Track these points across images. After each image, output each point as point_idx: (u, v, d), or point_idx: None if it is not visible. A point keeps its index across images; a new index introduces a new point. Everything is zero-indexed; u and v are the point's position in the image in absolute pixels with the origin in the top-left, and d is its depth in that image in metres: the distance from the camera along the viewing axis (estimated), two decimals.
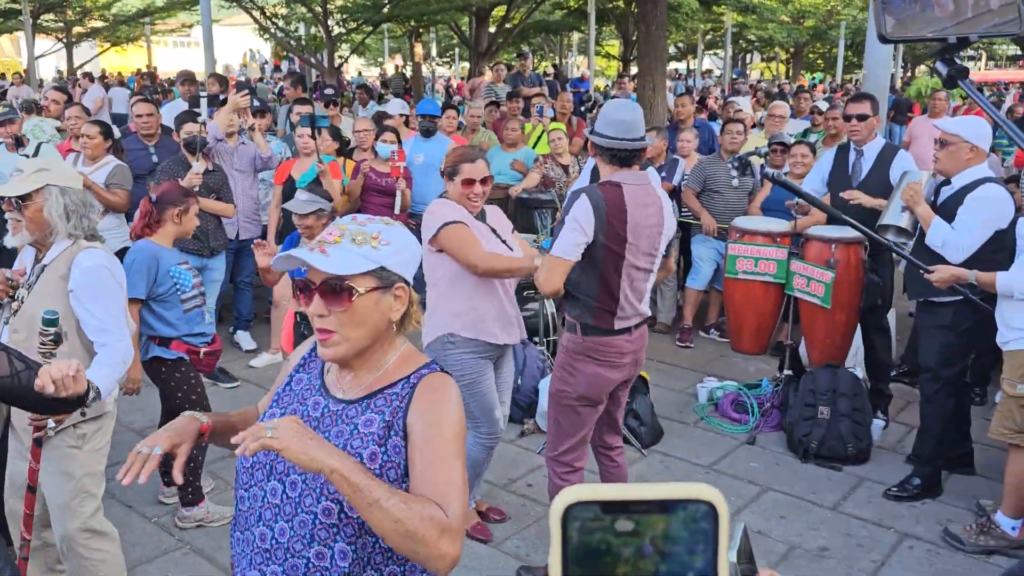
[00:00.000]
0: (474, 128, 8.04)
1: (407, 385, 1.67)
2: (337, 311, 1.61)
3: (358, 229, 1.65)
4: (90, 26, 26.23)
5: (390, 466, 1.60)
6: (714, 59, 36.44)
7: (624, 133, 3.14)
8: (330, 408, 1.68)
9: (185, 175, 5.28)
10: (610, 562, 0.53)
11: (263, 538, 1.63)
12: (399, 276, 1.67)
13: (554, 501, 0.53)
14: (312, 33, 18.00)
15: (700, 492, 0.53)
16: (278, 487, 1.63)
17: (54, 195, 2.84)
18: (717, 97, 14.54)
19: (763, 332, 5.86)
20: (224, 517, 3.99)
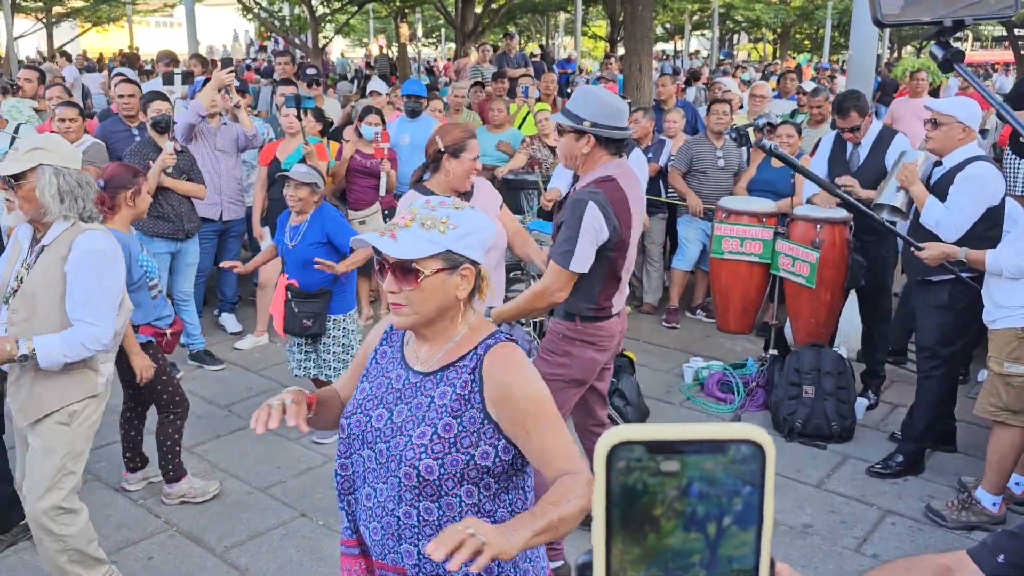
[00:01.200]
0: (458, 109, 7.99)
1: (475, 357, 1.79)
2: (407, 289, 1.75)
3: (428, 214, 1.76)
4: (70, 6, 25.84)
5: (464, 435, 1.74)
6: (701, 40, 36.36)
7: (620, 121, 3.14)
8: (410, 380, 1.84)
9: (154, 156, 5.21)
10: (649, 502, 0.52)
11: (368, 498, 1.82)
12: (465, 257, 1.78)
13: (599, 441, 0.53)
14: (296, 13, 17.81)
15: (749, 433, 0.53)
16: (371, 454, 1.81)
17: (47, 175, 2.80)
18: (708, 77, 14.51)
19: (749, 312, 5.87)
20: (207, 492, 4.00)
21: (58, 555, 2.99)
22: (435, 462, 1.72)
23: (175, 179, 5.28)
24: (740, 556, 0.54)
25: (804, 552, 3.68)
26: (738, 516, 0.53)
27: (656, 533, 0.53)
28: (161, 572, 3.51)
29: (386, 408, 1.83)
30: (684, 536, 0.53)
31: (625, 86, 9.54)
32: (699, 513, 0.53)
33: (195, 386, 5.36)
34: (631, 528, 0.53)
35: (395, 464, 1.76)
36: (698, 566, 0.53)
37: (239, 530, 3.80)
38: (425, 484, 1.73)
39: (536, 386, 1.78)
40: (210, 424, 4.84)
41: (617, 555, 0.53)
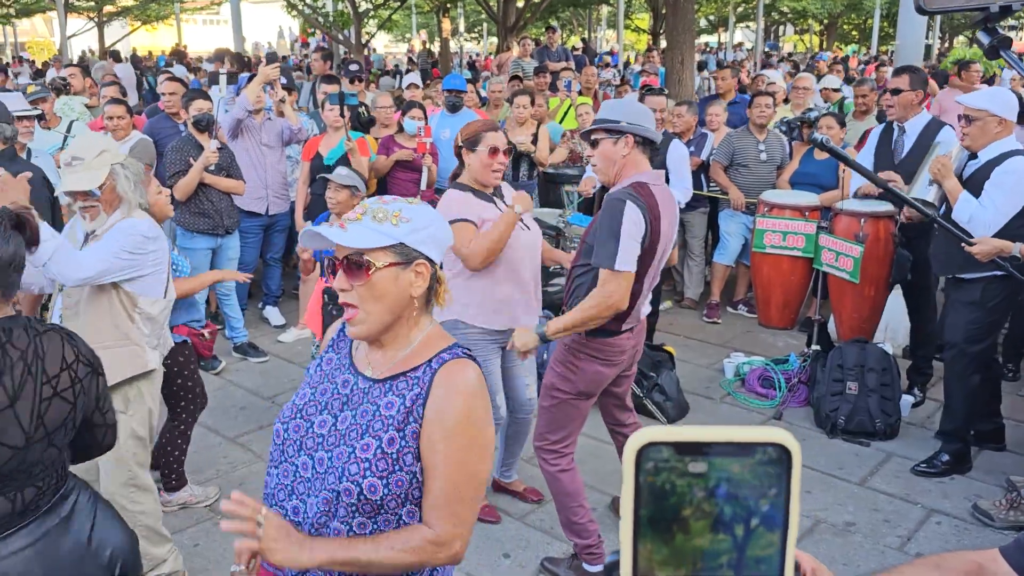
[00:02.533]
0: (497, 104, 8.01)
1: (428, 369, 1.68)
2: (357, 285, 1.65)
3: (379, 207, 1.69)
4: (120, 5, 26.42)
5: (407, 451, 1.63)
6: (746, 32, 35.87)
7: (652, 124, 3.12)
8: (358, 385, 1.72)
9: (195, 153, 5.31)
10: (676, 503, 0.53)
11: (296, 512, 1.69)
12: (419, 253, 1.69)
13: (627, 442, 0.54)
14: (339, 9, 17.98)
15: (776, 436, 0.53)
16: (308, 462, 1.69)
17: (120, 172, 2.93)
18: (749, 71, 14.33)
19: (791, 307, 5.81)
20: (208, 498, 3.98)
21: None
22: (379, 481, 1.61)
23: (215, 176, 5.38)
24: (766, 557, 0.54)
25: (846, 550, 3.63)
26: (765, 517, 0.54)
27: (684, 533, 0.54)
28: (207, 558, 3.59)
29: (331, 414, 1.72)
30: (712, 537, 0.54)
31: (667, 79, 9.47)
32: (727, 514, 0.53)
33: (239, 378, 5.47)
34: (659, 529, 0.54)
35: (334, 477, 1.63)
36: (726, 567, 0.54)
37: None
38: (365, 503, 1.62)
39: (465, 417, 1.64)
40: (253, 415, 4.93)
41: (645, 555, 0.54)
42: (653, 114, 3.15)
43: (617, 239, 2.95)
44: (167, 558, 3.25)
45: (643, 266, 3.07)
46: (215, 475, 4.24)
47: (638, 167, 3.10)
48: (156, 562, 3.21)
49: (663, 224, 3.06)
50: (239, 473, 4.27)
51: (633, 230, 2.96)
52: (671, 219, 3.15)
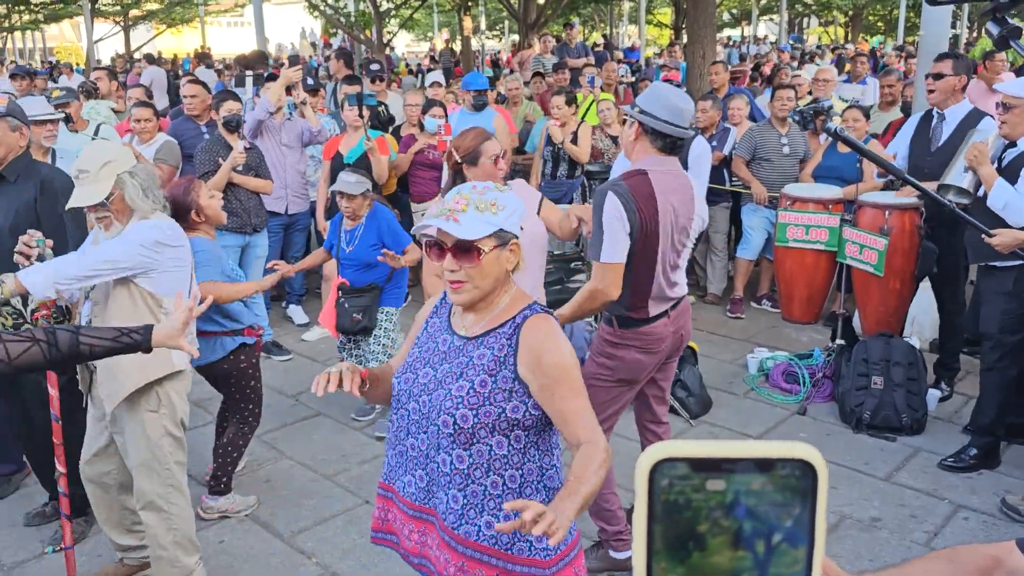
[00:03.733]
0: (516, 101, 8.00)
1: (513, 325, 1.99)
2: (467, 267, 1.94)
3: (479, 198, 1.96)
4: (146, 8, 26.73)
5: (497, 391, 1.94)
6: (769, 24, 35.56)
7: (678, 120, 3.07)
8: (454, 344, 2.05)
9: (224, 153, 5.38)
10: (692, 518, 0.51)
11: (412, 448, 2.05)
12: (513, 234, 1.99)
13: (640, 458, 0.51)
14: (360, 9, 18.05)
15: (798, 451, 0.50)
16: (416, 406, 2.02)
17: (128, 181, 2.92)
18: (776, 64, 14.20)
19: (814, 301, 5.76)
20: (248, 507, 3.93)
21: (166, 534, 3.11)
22: (470, 412, 1.92)
23: (243, 175, 5.44)
24: (791, 575, 0.51)
25: (872, 546, 3.60)
26: (788, 533, 0.51)
27: (701, 551, 0.51)
28: (232, 555, 3.63)
29: (431, 367, 2.05)
30: (731, 554, 0.51)
31: (688, 74, 9.41)
32: (746, 530, 0.50)
33: (263, 376, 5.50)
34: (674, 547, 0.51)
35: (435, 413, 1.96)
36: None
37: (305, 516, 3.90)
38: (460, 432, 1.93)
39: (564, 355, 1.95)
40: (277, 412, 4.97)
41: (659, 574, 0.51)
42: (681, 111, 3.06)
43: (601, 232, 3.01)
44: (194, 569, 3.21)
45: (648, 249, 3.06)
46: (239, 471, 4.27)
47: (645, 154, 3.10)
48: (185, 572, 3.17)
49: (661, 209, 3.03)
50: (265, 471, 4.31)
51: (615, 221, 2.98)
52: (678, 199, 3.10)
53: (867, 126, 5.96)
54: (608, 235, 2.99)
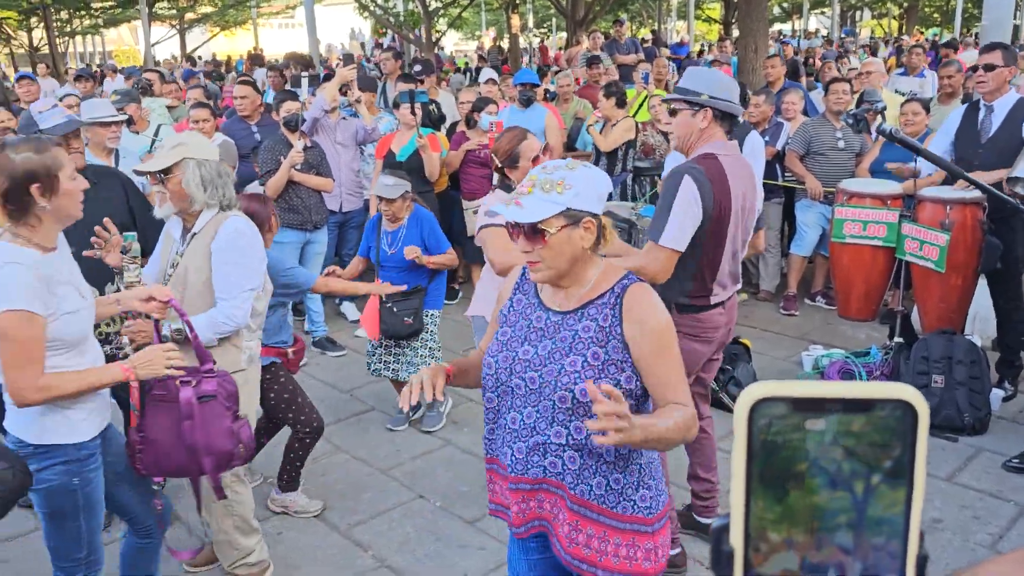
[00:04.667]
0: (567, 98, 7.99)
1: (612, 295, 2.00)
2: (538, 248, 1.96)
3: (545, 178, 1.97)
4: (201, 12, 27.30)
5: (610, 362, 1.97)
6: (820, 18, 34.93)
7: (734, 97, 3.08)
8: (551, 319, 2.05)
9: (285, 152, 5.48)
10: (790, 457, 0.50)
11: (514, 421, 2.06)
12: (585, 212, 1.98)
13: (740, 397, 0.51)
14: (410, 9, 18.20)
15: (901, 392, 0.50)
16: (521, 383, 2.04)
17: (191, 167, 2.97)
18: (824, 57, 13.95)
19: (872, 298, 5.64)
20: (309, 511, 3.95)
21: (226, 519, 3.24)
22: None
23: (304, 173, 5.54)
24: (890, 518, 0.51)
25: (934, 548, 3.52)
26: (887, 474, 0.50)
27: (799, 491, 0.51)
28: (290, 547, 3.70)
29: (531, 345, 2.05)
30: (830, 494, 0.50)
31: (740, 69, 9.30)
32: (845, 471, 0.50)
33: (317, 371, 5.60)
34: (772, 486, 0.51)
35: (549, 389, 1.98)
36: (845, 527, 0.51)
37: (361, 509, 3.96)
38: (579, 406, 1.95)
39: (667, 323, 1.99)
40: (332, 407, 5.04)
41: (757, 514, 0.51)
42: (736, 88, 3.07)
43: (668, 214, 2.93)
44: (255, 548, 3.33)
45: (719, 233, 3.03)
46: None
47: (712, 139, 3.08)
48: (245, 552, 3.29)
49: (733, 193, 3.02)
50: (319, 464, 4.38)
51: (687, 206, 2.92)
52: (746, 187, 3.10)
53: (927, 120, 5.83)
54: (676, 219, 2.91)
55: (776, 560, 0.52)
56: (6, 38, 24.01)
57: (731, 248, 3.13)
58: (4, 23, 22.33)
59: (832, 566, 0.51)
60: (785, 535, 0.51)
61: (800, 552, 0.51)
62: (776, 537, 0.51)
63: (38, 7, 19.48)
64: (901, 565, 0.51)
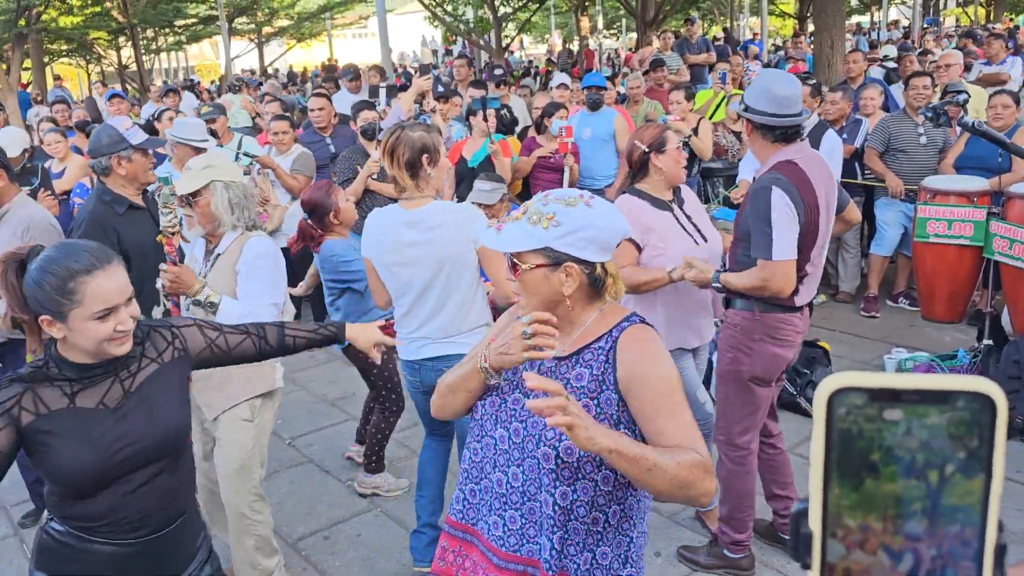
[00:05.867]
0: (636, 100, 7.94)
1: (609, 339, 1.77)
2: (514, 279, 1.80)
3: (538, 208, 1.76)
4: (277, 26, 28.10)
5: (603, 418, 1.72)
6: (901, 9, 33.82)
7: (784, 109, 2.99)
8: (544, 364, 1.80)
9: (362, 161, 5.60)
10: (866, 447, 0.52)
11: (500, 484, 1.82)
12: (567, 255, 1.74)
13: (819, 386, 0.53)
14: (479, 15, 18.35)
15: (979, 385, 0.51)
16: (504, 434, 1.81)
17: (219, 190, 3.05)
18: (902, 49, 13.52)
19: (958, 299, 5.45)
20: (400, 488, 4.17)
21: (247, 538, 3.23)
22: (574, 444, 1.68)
23: (380, 182, 5.65)
24: (966, 507, 0.52)
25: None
26: (962, 465, 0.51)
27: (874, 479, 0.52)
28: (368, 548, 3.78)
29: (522, 392, 1.80)
30: (904, 483, 0.52)
31: (815, 65, 9.10)
32: (919, 460, 0.51)
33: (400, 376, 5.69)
34: (848, 474, 0.52)
35: (532, 444, 1.76)
36: (920, 515, 0.52)
37: None
38: (563, 467, 1.72)
39: (664, 370, 1.72)
40: (408, 411, 5.11)
41: (834, 501, 0.53)
42: (785, 99, 2.98)
43: (770, 228, 2.89)
44: (274, 570, 3.31)
45: (808, 237, 2.99)
46: None
47: (775, 150, 3.02)
48: (265, 573, 3.27)
49: (820, 195, 2.98)
50: (397, 467, 4.46)
51: (786, 217, 2.89)
52: (827, 186, 3.05)
53: (1018, 112, 5.59)
54: (778, 231, 2.90)
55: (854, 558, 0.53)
56: (97, 57, 25.14)
57: (818, 252, 3.10)
58: (95, 43, 23.40)
59: (908, 552, 0.52)
60: (861, 521, 0.53)
61: (877, 539, 0.53)
62: (852, 523, 0.53)
63: (126, 27, 20.35)
64: (977, 553, 0.52)
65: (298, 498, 4.21)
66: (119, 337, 1.94)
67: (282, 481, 4.40)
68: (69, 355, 1.96)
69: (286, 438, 4.82)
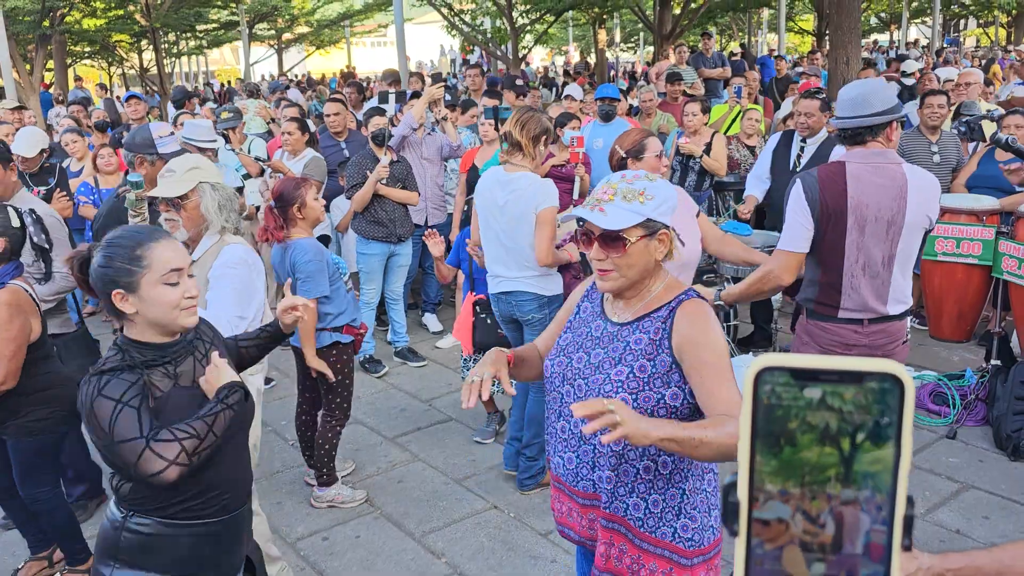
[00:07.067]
0: (649, 113, 7.96)
1: (668, 309, 1.98)
2: (614, 256, 1.96)
3: (627, 187, 1.97)
4: (297, 32, 28.33)
5: (656, 376, 1.93)
6: (921, 28, 33.71)
7: (852, 111, 3.02)
8: (607, 330, 2.04)
9: (372, 167, 5.63)
10: (785, 416, 0.56)
11: (563, 430, 2.08)
12: (662, 224, 1.97)
13: (749, 366, 0.57)
14: (497, 26, 18.44)
15: (887, 366, 0.55)
16: (571, 390, 2.05)
17: (207, 191, 3.04)
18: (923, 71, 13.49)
19: (966, 318, 5.42)
20: (355, 500, 4.12)
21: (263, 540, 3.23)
22: (630, 396, 1.91)
23: (390, 187, 5.68)
24: (876, 474, 0.56)
25: None
26: (872, 433, 0.56)
27: (792, 447, 0.56)
28: (367, 550, 3.79)
29: (585, 352, 2.05)
30: (819, 450, 0.56)
31: (829, 81, 9.10)
32: (832, 428, 0.56)
33: (399, 381, 5.72)
34: (770, 443, 0.57)
35: (592, 397, 1.96)
36: (833, 480, 0.56)
37: (436, 517, 4.03)
38: None
39: (715, 339, 1.91)
40: (412, 417, 5.14)
41: (759, 468, 0.57)
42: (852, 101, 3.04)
43: (786, 219, 3.07)
44: None
45: (835, 239, 2.99)
46: (375, 471, 4.46)
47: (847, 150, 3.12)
48: None
49: (851, 195, 2.95)
50: (397, 471, 4.47)
51: (796, 210, 3.02)
52: (877, 191, 2.96)
53: None
54: (788, 223, 3.06)
55: (771, 507, 0.57)
56: (119, 60, 25.41)
57: (859, 260, 3.02)
58: (118, 46, 23.67)
59: (823, 515, 0.57)
60: (780, 486, 0.57)
61: (794, 503, 0.57)
62: (772, 488, 0.57)
63: (148, 30, 20.58)
64: (887, 518, 0.56)
65: (298, 499, 4.23)
66: (188, 306, 2.05)
67: (282, 482, 4.42)
68: (142, 337, 2.05)
69: (287, 440, 4.85)
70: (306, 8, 27.54)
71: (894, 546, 0.57)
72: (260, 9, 24.61)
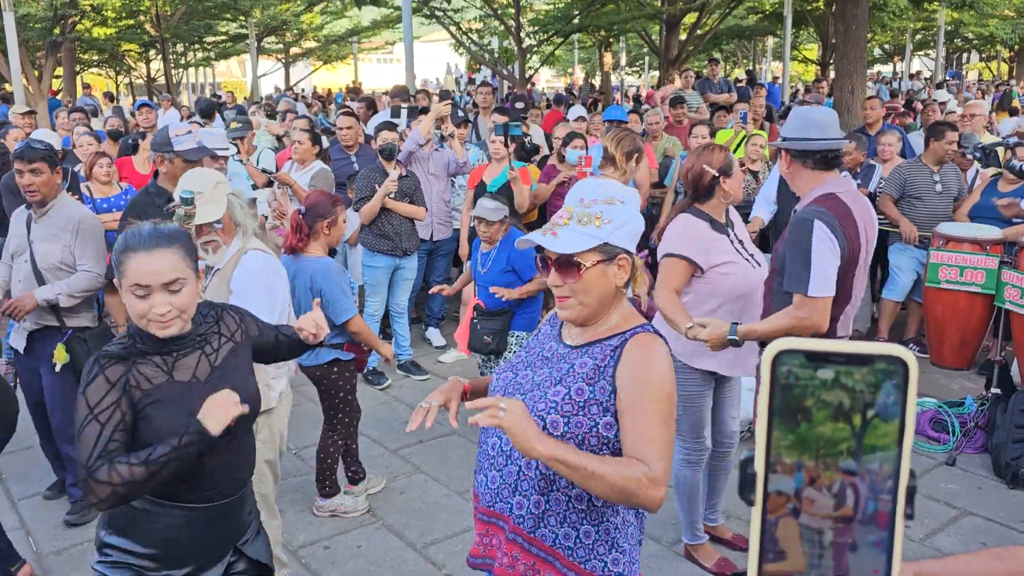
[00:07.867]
0: (656, 135, 8.03)
1: (621, 339, 1.90)
2: (570, 282, 1.90)
3: (583, 211, 1.91)
4: (305, 47, 28.53)
5: (593, 402, 1.85)
6: (924, 60, 34.00)
7: (820, 132, 2.97)
8: (558, 351, 1.99)
9: (380, 180, 5.68)
10: (801, 395, 0.62)
11: (492, 447, 2.02)
12: (621, 248, 1.91)
13: (765, 350, 0.63)
14: (504, 46, 18.60)
15: (894, 350, 0.61)
16: (497, 441, 2.00)
17: (234, 201, 3.11)
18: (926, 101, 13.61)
19: (967, 346, 5.46)
20: (356, 510, 4.14)
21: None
22: (561, 419, 1.84)
23: (397, 201, 5.73)
24: (883, 447, 0.61)
25: None
26: (881, 410, 0.61)
27: (808, 422, 0.62)
28: (368, 560, 3.79)
29: (532, 370, 2.00)
30: (833, 426, 0.62)
31: (835, 110, 9.17)
32: (845, 405, 0.61)
33: (402, 394, 5.74)
34: (787, 418, 0.62)
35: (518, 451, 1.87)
36: (845, 454, 0.62)
37: (437, 528, 4.04)
38: (539, 477, 1.88)
39: (661, 380, 1.83)
40: (415, 429, 5.15)
41: (776, 442, 0.63)
42: (820, 124, 2.99)
43: (809, 263, 2.85)
44: None
45: (848, 272, 2.95)
46: (379, 484, 4.47)
47: (817, 180, 2.98)
48: None
49: (861, 231, 2.95)
50: (400, 482, 4.49)
51: (826, 252, 2.84)
52: (869, 224, 3.01)
53: None
54: (817, 266, 2.85)
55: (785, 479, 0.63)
56: (127, 69, 25.57)
57: (858, 288, 3.05)
58: (126, 55, 23.83)
59: (835, 484, 0.63)
60: (796, 459, 0.63)
61: (808, 474, 0.63)
62: (789, 461, 0.63)
63: (157, 40, 20.74)
64: (892, 489, 0.62)
65: (300, 507, 4.24)
66: (158, 320, 2.03)
67: (284, 490, 4.43)
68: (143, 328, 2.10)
69: (291, 448, 4.86)
70: (315, 23, 27.75)
71: (897, 513, 0.62)
72: (269, 23, 24.79)
